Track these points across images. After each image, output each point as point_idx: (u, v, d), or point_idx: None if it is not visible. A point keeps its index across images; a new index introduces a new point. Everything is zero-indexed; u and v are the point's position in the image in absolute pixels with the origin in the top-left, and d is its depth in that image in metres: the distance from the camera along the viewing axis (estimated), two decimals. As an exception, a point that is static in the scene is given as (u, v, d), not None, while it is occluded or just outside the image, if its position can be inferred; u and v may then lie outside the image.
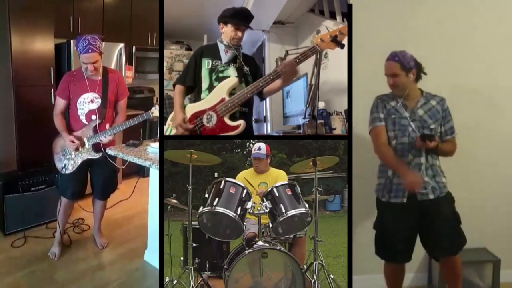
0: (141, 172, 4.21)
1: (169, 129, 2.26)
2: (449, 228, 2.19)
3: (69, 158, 2.89)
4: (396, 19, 2.58)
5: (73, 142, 2.82)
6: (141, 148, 2.82)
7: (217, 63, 2.23)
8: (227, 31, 2.23)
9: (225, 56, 2.24)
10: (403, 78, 2.13)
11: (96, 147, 2.88)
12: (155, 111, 2.71)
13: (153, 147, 2.72)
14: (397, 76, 2.12)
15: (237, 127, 2.11)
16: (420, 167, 2.14)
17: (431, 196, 2.15)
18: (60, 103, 2.89)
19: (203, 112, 2.15)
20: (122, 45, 4.56)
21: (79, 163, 2.89)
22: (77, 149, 2.86)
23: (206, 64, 2.24)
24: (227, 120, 2.12)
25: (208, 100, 2.17)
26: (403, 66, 2.11)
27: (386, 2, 2.57)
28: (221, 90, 2.15)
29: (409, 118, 2.16)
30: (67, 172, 2.90)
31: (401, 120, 2.17)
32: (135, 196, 3.34)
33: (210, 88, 2.20)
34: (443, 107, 2.20)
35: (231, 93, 2.14)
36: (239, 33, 2.22)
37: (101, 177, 3.04)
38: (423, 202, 2.15)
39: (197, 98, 2.25)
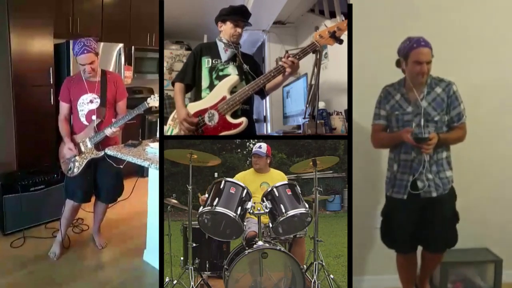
0: (140, 172, 4.20)
1: (170, 129, 2.24)
2: (446, 226, 2.20)
3: (74, 160, 2.90)
4: (397, 18, 2.57)
5: (71, 150, 2.86)
6: (140, 148, 2.81)
7: (216, 62, 2.23)
8: (226, 29, 2.22)
9: (224, 55, 2.23)
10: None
11: (98, 146, 2.88)
12: (151, 102, 2.68)
13: (152, 147, 2.71)
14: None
15: (239, 124, 2.10)
16: (423, 165, 2.11)
17: (434, 194, 2.14)
18: (63, 107, 2.93)
19: (204, 111, 2.14)
20: (121, 45, 4.55)
21: (84, 164, 2.89)
22: (79, 153, 2.87)
23: (206, 62, 2.23)
24: (229, 118, 2.11)
25: (209, 99, 2.16)
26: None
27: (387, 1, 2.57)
28: (222, 89, 2.14)
29: (412, 112, 2.12)
30: (73, 175, 2.91)
31: (404, 116, 2.14)
32: (134, 196, 3.34)
33: (211, 86, 2.20)
34: (448, 93, 2.10)
35: (232, 91, 2.14)
36: (239, 30, 2.21)
37: (106, 181, 3.03)
38: (426, 200, 2.15)
39: (197, 97, 2.24)
